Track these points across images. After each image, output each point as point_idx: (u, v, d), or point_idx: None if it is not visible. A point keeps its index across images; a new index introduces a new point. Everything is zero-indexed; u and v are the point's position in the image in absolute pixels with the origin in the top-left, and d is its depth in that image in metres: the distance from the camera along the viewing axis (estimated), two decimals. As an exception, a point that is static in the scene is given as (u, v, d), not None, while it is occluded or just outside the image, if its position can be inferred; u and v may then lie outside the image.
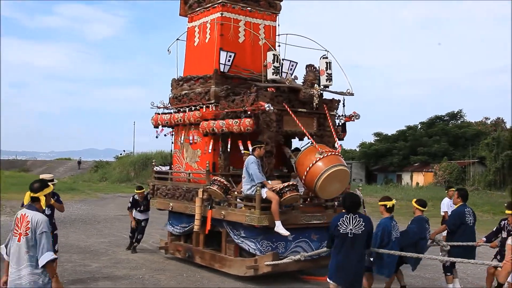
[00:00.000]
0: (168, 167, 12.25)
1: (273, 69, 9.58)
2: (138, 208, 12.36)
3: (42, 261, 5.11)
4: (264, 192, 9.00)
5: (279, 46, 10.07)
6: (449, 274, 8.98)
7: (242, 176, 9.32)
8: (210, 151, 10.20)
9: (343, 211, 7.24)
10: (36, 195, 5.39)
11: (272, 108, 9.12)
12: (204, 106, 10.70)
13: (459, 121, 47.67)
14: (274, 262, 8.98)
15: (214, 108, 10.48)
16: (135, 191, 12.41)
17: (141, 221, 12.50)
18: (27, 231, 5.15)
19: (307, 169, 9.20)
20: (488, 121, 50.71)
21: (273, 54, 9.58)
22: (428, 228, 8.69)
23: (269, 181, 9.22)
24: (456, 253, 8.88)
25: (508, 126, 33.93)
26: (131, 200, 12.37)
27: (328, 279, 7.14)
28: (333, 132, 9.96)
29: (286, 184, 9.11)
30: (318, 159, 9.17)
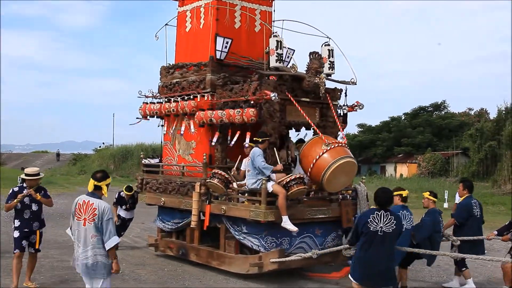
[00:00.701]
0: (157, 160, 11.63)
1: (276, 56, 9.09)
2: (124, 206, 11.67)
3: (109, 244, 5.82)
4: (270, 186, 8.53)
5: (275, 33, 9.56)
6: (464, 268, 8.72)
7: (246, 169, 8.81)
8: (214, 143, 9.62)
9: (373, 207, 6.88)
10: (99, 184, 6.02)
11: (277, 97, 8.63)
12: (199, 95, 10.13)
13: (443, 112, 47.78)
14: (280, 260, 8.53)
15: (210, 97, 9.92)
16: (124, 191, 11.67)
17: (126, 220, 11.82)
18: (94, 217, 5.80)
19: (314, 161, 8.78)
20: (472, 112, 51.08)
21: (277, 41, 9.08)
22: (441, 220, 8.43)
23: (273, 174, 8.76)
24: (466, 247, 8.65)
25: (491, 117, 34.15)
26: (116, 196, 11.67)
27: (351, 278, 6.74)
28: (338, 123, 9.56)
29: (293, 176, 8.67)
30: (325, 150, 8.76)
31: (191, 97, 10.23)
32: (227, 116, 9.18)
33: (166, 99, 10.90)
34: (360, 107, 9.88)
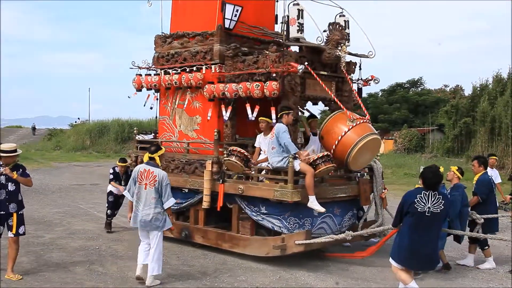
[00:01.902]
0: (151, 136, 10.86)
1: (297, 26, 8.51)
2: (117, 182, 10.86)
3: (167, 204, 7.28)
4: (298, 164, 8.06)
5: (296, 1, 8.98)
6: (487, 247, 8.66)
7: (270, 146, 8.27)
8: (227, 118, 8.98)
9: (418, 186, 6.57)
10: (152, 155, 7.41)
11: (303, 69, 8.11)
12: (204, 66, 9.43)
13: (420, 89, 47.83)
14: (307, 241, 8.13)
15: (218, 69, 9.25)
16: (117, 163, 10.88)
17: (119, 197, 11.03)
18: (155, 183, 7.15)
19: (339, 138, 8.37)
20: (448, 89, 51.60)
21: (298, 9, 8.50)
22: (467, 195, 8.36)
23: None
24: (486, 225, 8.60)
25: (466, 93, 34.59)
26: (112, 172, 10.83)
27: (393, 262, 6.43)
28: (358, 98, 9.17)
29: (320, 154, 8.24)
30: (350, 127, 8.36)
31: (194, 69, 9.52)
32: (244, 89, 8.57)
33: (163, 71, 10.12)
34: (376, 81, 9.51)
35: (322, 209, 8.10)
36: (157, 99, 10.50)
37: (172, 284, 7.49)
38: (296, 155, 8.08)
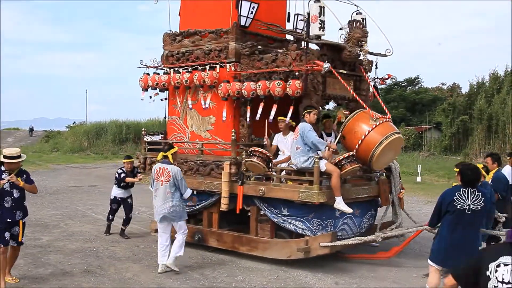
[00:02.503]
0: (159, 137, 10.54)
1: (319, 23, 8.33)
2: (122, 184, 10.49)
3: (186, 194, 7.97)
4: (324, 165, 7.87)
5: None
6: None
7: (295, 146, 8.06)
8: (248, 118, 8.74)
9: (456, 184, 6.45)
10: (165, 153, 8.04)
11: (329, 68, 7.93)
12: (219, 65, 9.16)
13: (417, 87, 47.65)
14: (333, 244, 7.94)
15: (234, 67, 9.01)
16: (123, 160, 10.55)
17: (126, 199, 10.66)
18: (169, 179, 7.74)
19: (362, 137, 8.21)
20: (445, 87, 51.54)
21: (320, 6, 8.32)
22: None
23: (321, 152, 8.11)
24: (507, 223, 8.54)
25: (463, 91, 34.43)
26: (117, 176, 10.45)
27: (432, 263, 6.30)
28: (378, 97, 9.06)
29: (346, 154, 8.07)
30: (374, 126, 8.21)
31: (207, 67, 9.24)
32: (263, 88, 8.35)
33: (172, 70, 9.83)
34: (393, 79, 9.38)
35: (350, 210, 7.95)
36: (166, 98, 10.19)
37: (170, 285, 7.45)
38: (321, 155, 7.91)
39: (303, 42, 8.60)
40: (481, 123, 23.72)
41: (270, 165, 8.37)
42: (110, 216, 10.70)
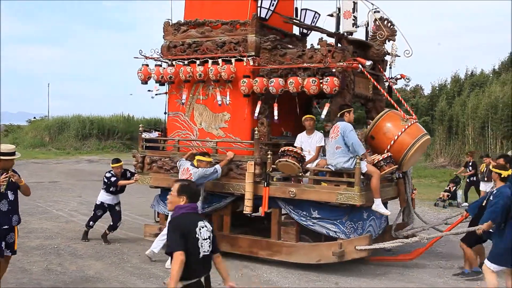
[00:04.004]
0: (155, 134, 9.75)
1: (353, 19, 8.09)
2: (112, 189, 9.57)
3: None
4: (364, 166, 7.64)
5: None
6: None
7: (335, 146, 7.74)
8: (276, 116, 8.27)
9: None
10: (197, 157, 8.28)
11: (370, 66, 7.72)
12: (234, 59, 8.61)
13: None
14: (371, 247, 7.74)
15: (252, 62, 8.51)
16: (112, 165, 9.56)
17: (114, 206, 9.73)
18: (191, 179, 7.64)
19: (395, 137, 8.10)
20: (408, 88, 52.65)
21: (353, 2, 8.08)
22: None
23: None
24: None
25: (426, 93, 34.96)
26: (106, 181, 9.51)
27: (490, 264, 6.32)
28: (400, 97, 8.99)
29: (385, 156, 7.89)
30: (406, 127, 8.12)
31: (219, 61, 8.66)
32: (296, 85, 7.96)
33: (175, 62, 9.13)
34: (407, 79, 9.34)
35: (388, 212, 7.80)
36: (166, 93, 9.46)
37: (133, 283, 7.30)
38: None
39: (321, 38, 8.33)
40: (442, 124, 24.59)
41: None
42: (91, 222, 9.77)
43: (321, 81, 7.81)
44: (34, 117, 46.97)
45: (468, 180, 15.57)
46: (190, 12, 9.35)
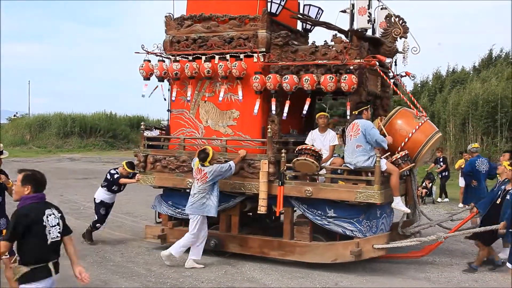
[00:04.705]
0: (156, 132, 9.42)
1: (368, 16, 8.01)
2: (114, 188, 9.22)
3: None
4: (384, 164, 7.58)
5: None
6: None
7: (355, 144, 7.63)
8: (305, 112, 8.15)
9: None
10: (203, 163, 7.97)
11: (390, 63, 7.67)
12: (243, 55, 8.38)
13: None
14: (389, 245, 7.70)
15: (263, 58, 8.32)
16: (125, 167, 9.20)
17: (111, 205, 9.40)
18: (206, 179, 7.81)
19: (410, 135, 8.07)
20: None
21: (368, -1, 7.99)
22: None
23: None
24: None
25: (408, 89, 34.84)
26: (113, 173, 9.18)
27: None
28: (411, 96, 8.97)
29: (402, 153, 7.86)
30: (420, 124, 8.12)
31: (227, 56, 8.44)
32: (311, 82, 7.82)
33: (179, 57, 8.84)
34: (413, 77, 9.34)
35: (408, 210, 7.78)
36: (168, 89, 9.14)
37: (116, 281, 7.27)
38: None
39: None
40: None
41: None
42: (98, 224, 9.36)
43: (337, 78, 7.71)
44: (15, 115, 45.56)
45: (440, 176, 15.83)
46: (193, 6, 9.05)
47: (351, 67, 7.69)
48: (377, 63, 7.84)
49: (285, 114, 8.07)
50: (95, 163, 26.67)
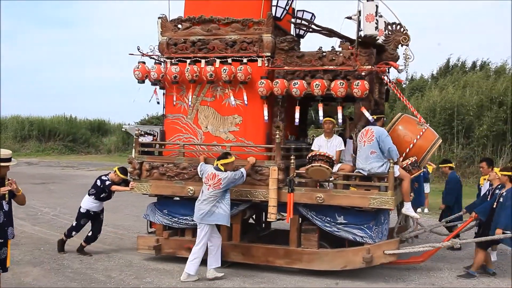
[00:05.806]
0: (149, 138, 9.00)
1: (375, 22, 8.03)
2: (102, 195, 8.72)
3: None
4: (397, 170, 7.62)
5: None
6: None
7: (369, 151, 7.61)
8: (297, 120, 7.97)
9: None
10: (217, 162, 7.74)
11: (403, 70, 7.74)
12: (246, 59, 8.19)
13: None
14: (400, 251, 7.74)
15: (267, 63, 8.17)
16: (118, 173, 8.70)
17: (99, 214, 8.91)
18: (220, 185, 7.54)
19: (414, 141, 8.18)
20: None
21: (376, 5, 8.02)
22: None
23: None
24: None
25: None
26: (104, 180, 8.67)
27: None
28: (403, 98, 9.05)
29: (412, 160, 7.92)
30: (424, 130, 8.25)
31: (229, 60, 8.22)
32: (322, 87, 7.75)
33: (175, 60, 8.53)
34: (404, 84, 9.50)
35: (418, 216, 7.84)
36: (163, 94, 8.77)
37: None
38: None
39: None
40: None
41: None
42: (74, 232, 8.88)
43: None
44: None
45: None
46: (191, 8, 8.75)
47: (363, 73, 7.69)
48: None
49: (297, 120, 7.95)
50: (54, 167, 25.60)
